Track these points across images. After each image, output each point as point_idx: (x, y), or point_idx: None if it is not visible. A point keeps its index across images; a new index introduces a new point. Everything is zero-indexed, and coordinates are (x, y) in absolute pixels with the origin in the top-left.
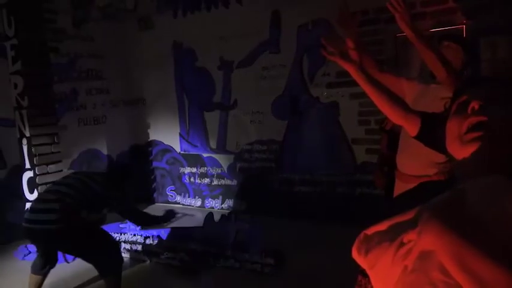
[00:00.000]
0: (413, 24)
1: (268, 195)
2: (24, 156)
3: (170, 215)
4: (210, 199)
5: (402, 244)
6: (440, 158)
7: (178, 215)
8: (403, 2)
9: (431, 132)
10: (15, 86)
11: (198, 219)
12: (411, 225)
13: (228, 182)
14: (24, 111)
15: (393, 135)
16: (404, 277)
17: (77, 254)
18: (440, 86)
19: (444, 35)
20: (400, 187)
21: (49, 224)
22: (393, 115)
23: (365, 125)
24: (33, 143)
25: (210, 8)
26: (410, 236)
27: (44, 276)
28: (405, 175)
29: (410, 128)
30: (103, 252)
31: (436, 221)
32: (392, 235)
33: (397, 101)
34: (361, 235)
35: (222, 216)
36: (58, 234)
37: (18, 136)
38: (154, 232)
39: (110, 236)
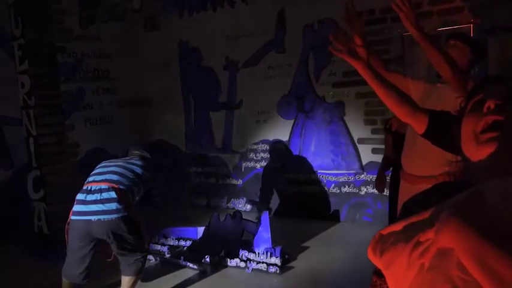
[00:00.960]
0: (419, 23)
1: (274, 194)
2: (31, 155)
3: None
4: (215, 198)
5: (418, 243)
6: (449, 156)
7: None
8: (408, 2)
9: (439, 130)
10: (22, 85)
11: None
12: (427, 224)
13: (234, 181)
14: (31, 111)
15: (398, 136)
16: (421, 275)
17: (121, 247)
18: (447, 85)
19: (451, 33)
20: (406, 188)
21: (109, 214)
22: (401, 112)
23: (371, 124)
24: (40, 142)
25: (216, 8)
26: (427, 235)
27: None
28: (411, 175)
29: (418, 125)
30: (139, 248)
31: (455, 219)
32: (408, 235)
33: (404, 98)
34: (377, 235)
35: (227, 215)
36: (118, 224)
37: (25, 135)
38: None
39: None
